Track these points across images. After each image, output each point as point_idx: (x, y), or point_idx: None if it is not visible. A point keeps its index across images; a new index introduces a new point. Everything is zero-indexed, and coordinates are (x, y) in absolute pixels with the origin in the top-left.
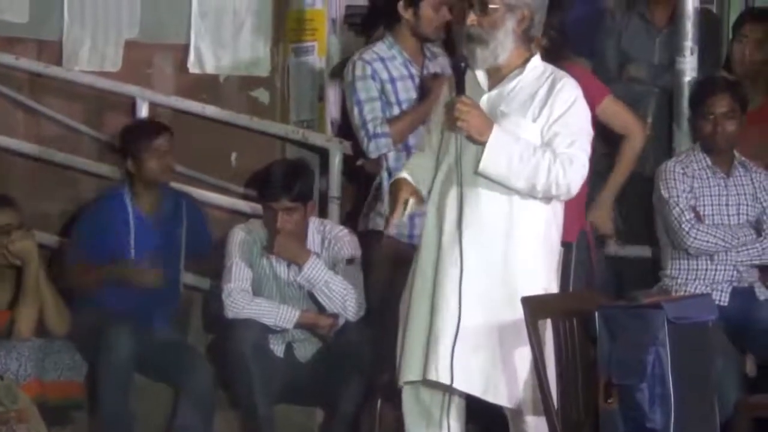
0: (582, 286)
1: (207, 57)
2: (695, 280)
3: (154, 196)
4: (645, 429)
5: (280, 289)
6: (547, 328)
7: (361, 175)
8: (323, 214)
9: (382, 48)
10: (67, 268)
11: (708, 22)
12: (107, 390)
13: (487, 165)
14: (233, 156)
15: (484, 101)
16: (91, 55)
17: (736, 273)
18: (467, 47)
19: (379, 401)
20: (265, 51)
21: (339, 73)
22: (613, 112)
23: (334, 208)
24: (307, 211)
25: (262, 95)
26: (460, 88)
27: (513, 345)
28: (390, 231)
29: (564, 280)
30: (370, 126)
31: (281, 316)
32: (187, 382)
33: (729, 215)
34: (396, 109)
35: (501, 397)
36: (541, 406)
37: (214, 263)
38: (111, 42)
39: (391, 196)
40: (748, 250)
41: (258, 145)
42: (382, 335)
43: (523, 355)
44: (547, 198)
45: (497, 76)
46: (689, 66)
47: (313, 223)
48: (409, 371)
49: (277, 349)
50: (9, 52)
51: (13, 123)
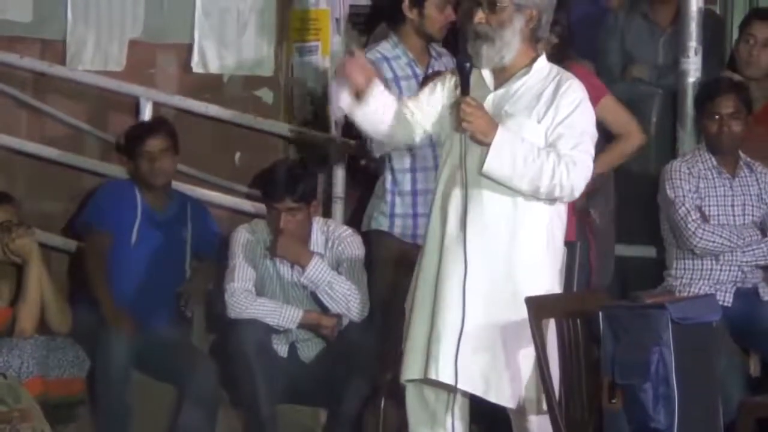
0: (582, 285)
1: (210, 56)
2: (699, 280)
3: (160, 197)
4: (649, 429)
5: (284, 289)
6: (550, 328)
7: (364, 175)
8: (326, 213)
9: (386, 47)
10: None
11: (711, 23)
12: (105, 389)
13: (491, 166)
14: (237, 155)
15: (490, 100)
16: (94, 55)
17: (740, 273)
18: (473, 45)
19: (383, 401)
20: (268, 50)
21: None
22: (611, 111)
23: (337, 208)
24: (311, 212)
25: (266, 95)
26: (465, 89)
27: (516, 345)
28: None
29: (568, 280)
30: None
31: (284, 316)
32: (189, 381)
33: (734, 215)
34: None
35: (504, 397)
36: (544, 406)
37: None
38: (115, 41)
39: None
40: (753, 250)
41: (261, 144)
42: (385, 335)
43: (526, 355)
44: (551, 199)
45: (503, 76)
46: (693, 66)
47: (317, 223)
48: (411, 369)
49: (281, 349)
50: (13, 51)
51: (17, 122)
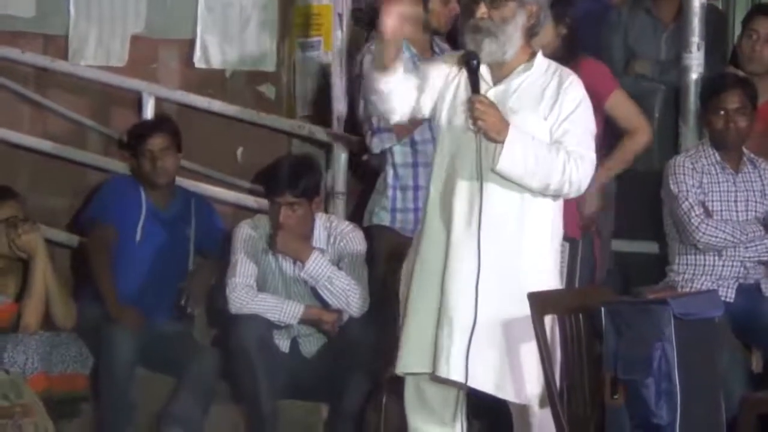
0: (587, 281)
1: (213, 52)
2: (702, 275)
3: (163, 194)
4: (651, 425)
5: (286, 284)
6: (554, 323)
7: (366, 171)
8: (328, 209)
9: None
10: (84, 226)
11: (714, 18)
12: (109, 385)
13: (504, 164)
14: (239, 151)
15: (490, 96)
16: (96, 50)
17: (743, 269)
18: (474, 39)
19: (385, 396)
20: (271, 46)
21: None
22: (621, 106)
23: (339, 204)
24: (313, 208)
25: (269, 90)
26: (476, 87)
27: (521, 341)
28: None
29: (570, 275)
30: (374, 120)
31: (285, 311)
32: (188, 370)
33: (737, 211)
34: None
35: (508, 392)
36: (547, 402)
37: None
38: (117, 36)
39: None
40: (756, 246)
41: (264, 140)
42: (386, 330)
43: (530, 350)
44: (557, 195)
45: (501, 72)
46: (696, 62)
47: (320, 218)
48: (412, 363)
49: (282, 344)
50: (15, 46)
51: (19, 117)
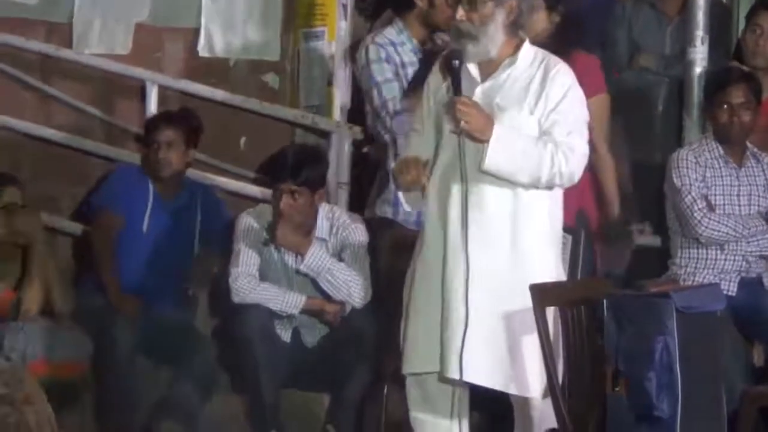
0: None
1: (217, 41)
2: (704, 269)
3: (170, 186)
4: (652, 418)
5: (288, 276)
6: (556, 316)
7: (368, 162)
8: (330, 199)
9: (392, 33)
10: (89, 214)
11: (718, 12)
12: (110, 373)
13: (491, 163)
14: (242, 140)
15: (479, 93)
16: (100, 38)
17: (744, 263)
18: (458, 43)
19: (386, 387)
20: (275, 35)
21: (351, 57)
22: (597, 113)
23: (342, 194)
24: (315, 199)
25: (272, 80)
26: (457, 88)
27: (522, 334)
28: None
29: (572, 267)
30: (390, 105)
31: (287, 301)
32: (187, 361)
33: (740, 205)
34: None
35: (510, 385)
36: (549, 395)
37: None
38: (121, 25)
39: (404, 168)
40: (758, 240)
41: (267, 129)
42: (389, 322)
43: (532, 343)
44: (550, 187)
45: (489, 67)
46: (700, 56)
47: (323, 209)
48: (415, 363)
49: (284, 334)
50: (19, 33)
51: (22, 105)
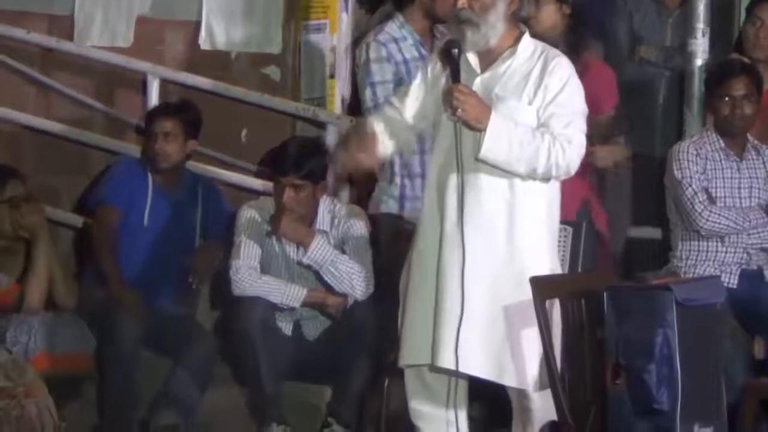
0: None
1: (218, 34)
2: (705, 261)
3: (170, 178)
4: (652, 410)
5: (290, 268)
6: (555, 308)
7: None
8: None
9: (393, 28)
10: (90, 207)
11: (719, 4)
12: (113, 366)
13: (487, 152)
14: (243, 133)
15: (478, 83)
16: (102, 31)
17: (745, 255)
18: (457, 30)
19: (387, 379)
20: (276, 28)
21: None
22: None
23: (343, 187)
24: (317, 192)
25: (273, 72)
26: (456, 76)
27: (520, 326)
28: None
29: (573, 260)
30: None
31: (288, 294)
32: (186, 352)
33: (741, 198)
34: None
35: (509, 377)
36: (545, 387)
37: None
38: (122, 17)
39: (355, 135)
40: (759, 233)
41: (268, 122)
42: (391, 315)
43: (530, 336)
44: (547, 178)
45: (488, 58)
46: (701, 48)
47: (324, 202)
48: (412, 355)
49: (285, 327)
50: (20, 26)
51: (24, 98)
